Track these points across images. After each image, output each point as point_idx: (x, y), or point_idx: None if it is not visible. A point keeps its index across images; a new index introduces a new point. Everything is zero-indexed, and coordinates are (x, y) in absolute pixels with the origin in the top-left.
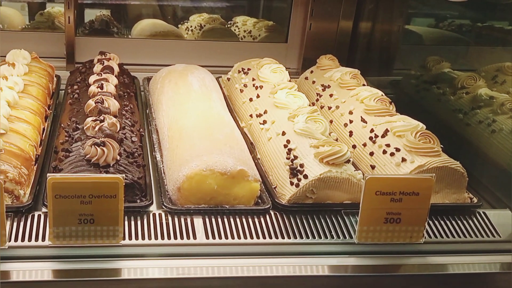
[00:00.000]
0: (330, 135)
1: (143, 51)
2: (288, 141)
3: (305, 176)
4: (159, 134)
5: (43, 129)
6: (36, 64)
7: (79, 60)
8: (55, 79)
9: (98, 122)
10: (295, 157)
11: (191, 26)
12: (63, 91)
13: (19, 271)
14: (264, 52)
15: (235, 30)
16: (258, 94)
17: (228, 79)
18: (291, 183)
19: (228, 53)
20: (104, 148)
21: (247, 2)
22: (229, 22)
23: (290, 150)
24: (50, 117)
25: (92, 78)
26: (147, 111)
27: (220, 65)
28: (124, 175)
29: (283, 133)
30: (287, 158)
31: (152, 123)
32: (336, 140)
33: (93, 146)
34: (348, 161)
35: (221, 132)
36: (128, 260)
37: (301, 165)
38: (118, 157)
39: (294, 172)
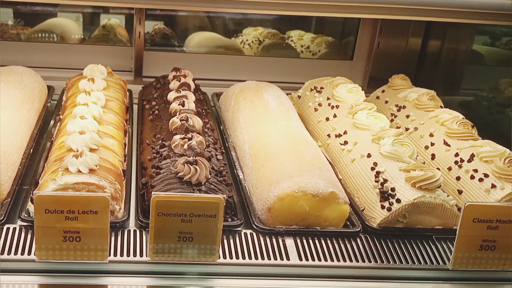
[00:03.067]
0: (416, 158)
1: (204, 66)
2: (375, 164)
3: (398, 201)
4: (237, 151)
5: (124, 144)
6: (111, 79)
7: (145, 74)
8: (127, 93)
9: (186, 140)
10: (385, 181)
11: (246, 40)
12: (135, 105)
13: (120, 285)
14: (327, 69)
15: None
16: (335, 114)
17: (299, 96)
18: (382, 207)
19: (290, 70)
20: (196, 167)
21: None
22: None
23: (378, 173)
24: (129, 132)
25: (171, 95)
26: (221, 127)
27: (281, 81)
28: (224, 196)
29: (369, 155)
30: (376, 181)
31: (228, 140)
32: (423, 163)
33: (185, 164)
34: (439, 186)
35: (307, 152)
36: (223, 278)
37: (392, 189)
38: (209, 176)
39: (385, 195)
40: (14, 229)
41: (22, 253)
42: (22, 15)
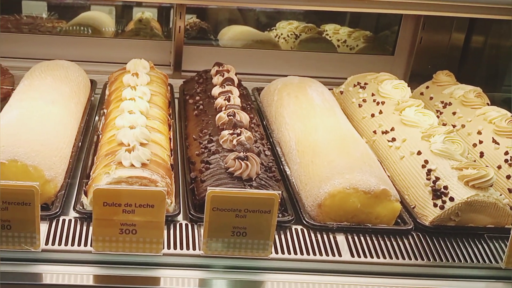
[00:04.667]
0: (467, 156)
1: (241, 60)
2: (426, 161)
3: (451, 199)
4: (282, 147)
5: (170, 138)
6: (153, 73)
7: (184, 68)
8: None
9: (235, 135)
10: (437, 178)
11: (281, 34)
12: (176, 99)
13: (173, 278)
14: (367, 64)
15: None
16: (380, 110)
17: (341, 92)
18: (435, 205)
19: (328, 65)
20: (247, 162)
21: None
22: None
23: (429, 170)
24: (173, 126)
25: (216, 90)
26: (264, 123)
27: (319, 76)
28: (279, 192)
29: (419, 153)
30: (428, 179)
31: (272, 135)
32: (474, 161)
33: (236, 160)
34: (491, 185)
35: (356, 149)
36: (274, 273)
37: (445, 187)
38: (259, 171)
39: (438, 193)
40: (70, 221)
41: (79, 245)
42: (56, 8)
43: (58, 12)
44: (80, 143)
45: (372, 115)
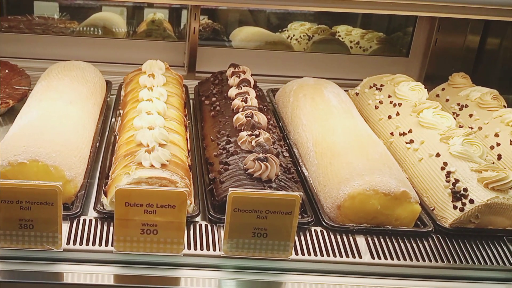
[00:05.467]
0: (486, 158)
1: (255, 61)
2: (445, 164)
3: (471, 201)
4: (299, 148)
5: (186, 139)
6: (169, 74)
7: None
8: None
9: (254, 136)
10: (456, 181)
11: (293, 35)
12: (191, 100)
13: (193, 278)
14: (381, 66)
15: None
16: (397, 112)
17: (357, 93)
18: (455, 207)
19: (341, 66)
20: (267, 164)
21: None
22: None
23: (449, 172)
24: (190, 127)
25: (232, 91)
26: (280, 124)
27: (333, 77)
28: (301, 193)
29: (438, 155)
30: (447, 181)
31: (288, 136)
32: (493, 163)
33: (256, 161)
34: (511, 187)
35: (375, 151)
36: (294, 274)
37: (465, 189)
38: (279, 173)
39: (457, 196)
40: (90, 220)
41: (100, 245)
42: (67, 9)
43: (70, 13)
44: (98, 144)
45: (389, 117)
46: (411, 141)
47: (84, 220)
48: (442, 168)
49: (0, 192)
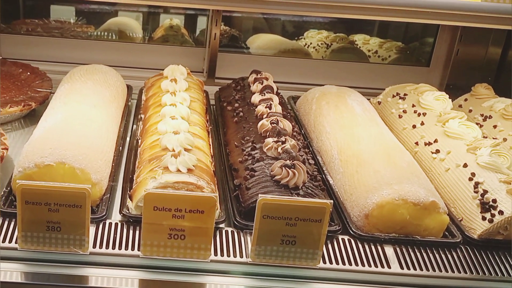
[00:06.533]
0: None
1: (274, 69)
2: (473, 174)
3: (500, 212)
4: (322, 156)
5: (209, 144)
6: (190, 79)
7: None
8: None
9: (280, 143)
10: (485, 192)
11: (311, 43)
12: (213, 106)
13: (217, 285)
14: (401, 75)
15: None
16: (422, 121)
17: (379, 102)
18: (483, 218)
19: (361, 75)
20: (294, 171)
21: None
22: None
23: (477, 183)
24: (212, 133)
25: (256, 98)
26: (303, 131)
27: (352, 86)
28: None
29: (465, 165)
30: (475, 192)
31: (311, 144)
32: None
33: (283, 168)
34: None
35: (402, 160)
36: (322, 283)
37: (494, 200)
38: (306, 180)
39: (486, 207)
40: (116, 224)
41: (126, 248)
42: (84, 13)
43: (86, 17)
44: (121, 147)
45: (414, 126)
46: (437, 151)
47: (110, 224)
48: (470, 179)
49: (29, 194)
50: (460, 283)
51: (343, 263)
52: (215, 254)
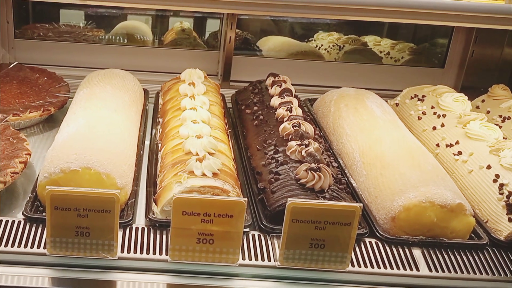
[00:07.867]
0: None
1: (287, 71)
2: (497, 176)
3: None
4: (343, 159)
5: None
6: (207, 83)
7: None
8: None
9: (303, 146)
10: (510, 193)
11: (322, 45)
12: (230, 109)
13: None
14: (415, 76)
15: None
16: (442, 123)
17: (397, 104)
18: (510, 220)
19: (374, 76)
20: (320, 174)
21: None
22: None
23: (502, 185)
24: (231, 136)
25: (275, 101)
26: (322, 134)
27: (366, 87)
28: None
29: (489, 167)
30: (500, 193)
31: (331, 146)
32: None
33: (309, 171)
34: None
35: (427, 162)
36: (351, 286)
37: None
38: (331, 183)
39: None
40: (143, 229)
41: (154, 253)
42: (93, 17)
43: (95, 21)
44: (142, 152)
45: (434, 128)
46: (459, 153)
47: (137, 228)
48: (494, 181)
49: (58, 199)
50: (488, 285)
51: (372, 266)
52: (243, 258)
